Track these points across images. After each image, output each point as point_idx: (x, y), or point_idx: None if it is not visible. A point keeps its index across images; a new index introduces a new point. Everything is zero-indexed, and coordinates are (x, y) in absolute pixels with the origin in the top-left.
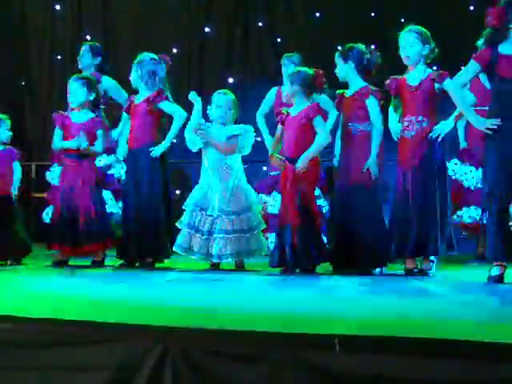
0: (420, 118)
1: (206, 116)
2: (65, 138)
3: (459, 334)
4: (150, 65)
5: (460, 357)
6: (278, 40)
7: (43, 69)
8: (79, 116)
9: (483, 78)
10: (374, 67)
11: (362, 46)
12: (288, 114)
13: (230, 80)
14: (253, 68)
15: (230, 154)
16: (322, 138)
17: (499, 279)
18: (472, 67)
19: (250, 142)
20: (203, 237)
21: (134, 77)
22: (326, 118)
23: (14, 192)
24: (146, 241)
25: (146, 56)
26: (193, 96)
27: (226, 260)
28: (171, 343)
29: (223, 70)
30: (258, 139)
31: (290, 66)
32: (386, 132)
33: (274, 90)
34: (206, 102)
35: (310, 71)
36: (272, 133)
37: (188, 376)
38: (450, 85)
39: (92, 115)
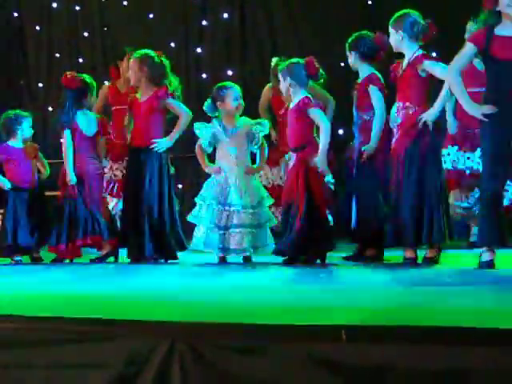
0: (407, 105)
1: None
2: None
3: (461, 321)
4: (156, 62)
5: (470, 344)
6: (277, 35)
7: (41, 67)
8: None
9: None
10: (381, 51)
11: (367, 33)
12: (288, 107)
13: (229, 73)
14: (252, 63)
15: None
16: (323, 128)
17: (491, 265)
18: (468, 49)
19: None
20: (220, 231)
21: (137, 74)
22: (323, 108)
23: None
24: (150, 241)
25: (151, 53)
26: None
27: (240, 254)
28: (178, 338)
29: (221, 64)
30: None
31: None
32: None
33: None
34: (204, 98)
35: (300, 61)
36: None
37: (196, 371)
38: (446, 70)
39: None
